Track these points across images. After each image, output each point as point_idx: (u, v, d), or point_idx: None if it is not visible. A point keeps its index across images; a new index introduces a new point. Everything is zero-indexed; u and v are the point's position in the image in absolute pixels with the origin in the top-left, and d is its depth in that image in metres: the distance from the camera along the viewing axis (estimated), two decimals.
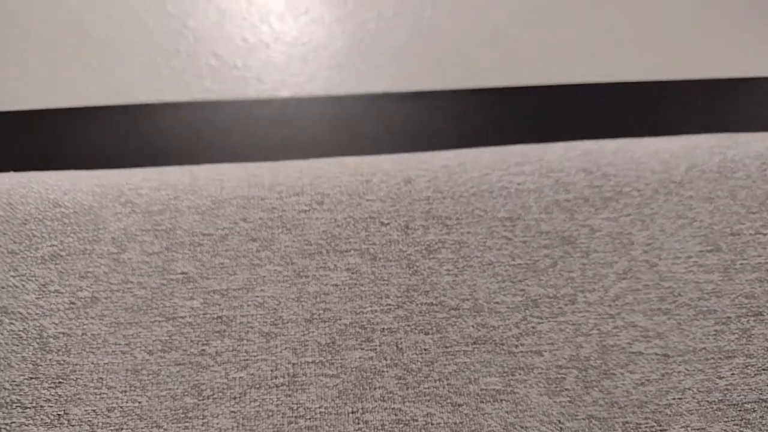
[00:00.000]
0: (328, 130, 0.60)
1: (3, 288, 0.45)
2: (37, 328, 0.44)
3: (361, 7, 0.65)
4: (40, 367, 0.43)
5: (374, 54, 0.64)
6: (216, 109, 0.60)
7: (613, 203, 0.49)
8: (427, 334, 0.45)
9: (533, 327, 0.46)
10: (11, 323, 0.44)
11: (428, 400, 0.43)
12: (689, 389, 0.44)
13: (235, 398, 0.43)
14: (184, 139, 0.59)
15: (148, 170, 0.51)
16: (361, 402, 0.43)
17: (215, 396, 0.43)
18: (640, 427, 0.43)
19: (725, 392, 0.44)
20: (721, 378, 0.45)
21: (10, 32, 0.63)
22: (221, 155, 0.57)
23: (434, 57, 0.65)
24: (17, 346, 0.43)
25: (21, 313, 0.44)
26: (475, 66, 0.64)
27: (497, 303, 0.46)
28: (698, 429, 0.43)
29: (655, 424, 0.43)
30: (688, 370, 0.45)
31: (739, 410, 0.44)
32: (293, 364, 0.44)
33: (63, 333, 0.44)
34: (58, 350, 0.43)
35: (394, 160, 0.52)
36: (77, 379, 0.43)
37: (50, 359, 0.43)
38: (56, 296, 0.45)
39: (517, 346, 0.45)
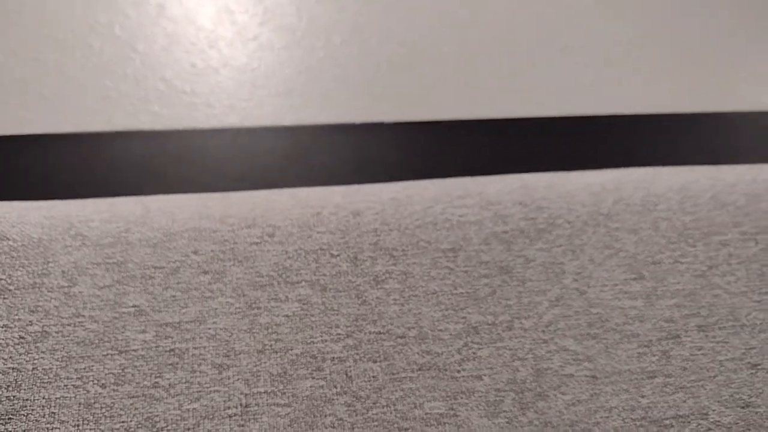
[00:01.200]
0: (279, 161, 0.61)
1: None
2: None
3: (309, 35, 0.67)
4: None
5: (322, 82, 0.66)
6: (168, 138, 0.60)
7: (546, 235, 0.53)
8: (375, 362, 0.47)
9: (474, 353, 0.49)
10: None
11: (376, 426, 0.46)
12: (615, 408, 0.48)
13: (188, 429, 0.44)
14: (136, 168, 0.59)
15: (98, 201, 0.51)
16: (313, 430, 0.45)
17: (169, 428, 0.44)
18: None
19: (647, 410, 0.49)
20: (643, 397, 0.49)
21: None
22: (173, 185, 0.58)
23: (380, 88, 0.67)
24: None
25: None
26: (421, 98, 0.67)
27: (441, 330, 0.49)
28: None
29: None
30: (614, 390, 0.49)
31: (659, 426, 0.48)
32: (245, 394, 0.45)
33: (12, 368, 0.44)
34: (8, 386, 0.43)
35: (344, 192, 0.54)
36: (28, 414, 0.43)
37: None
38: (5, 331, 0.44)
39: (459, 371, 0.48)
